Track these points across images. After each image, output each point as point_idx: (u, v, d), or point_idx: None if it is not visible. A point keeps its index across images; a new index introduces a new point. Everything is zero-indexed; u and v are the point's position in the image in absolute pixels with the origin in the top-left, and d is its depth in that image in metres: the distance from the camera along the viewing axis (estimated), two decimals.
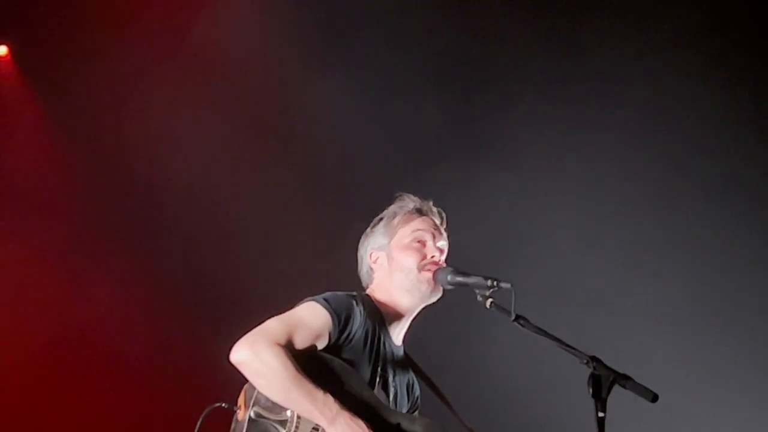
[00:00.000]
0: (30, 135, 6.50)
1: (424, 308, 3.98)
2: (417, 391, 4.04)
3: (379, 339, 3.84)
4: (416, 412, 4.02)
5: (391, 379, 3.86)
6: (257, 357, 3.57)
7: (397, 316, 3.93)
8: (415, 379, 4.03)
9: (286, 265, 6.19)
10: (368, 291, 4.00)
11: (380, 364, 3.82)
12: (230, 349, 3.61)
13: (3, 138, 6.49)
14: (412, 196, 4.03)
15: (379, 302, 3.93)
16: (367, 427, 3.56)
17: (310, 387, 3.56)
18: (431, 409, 4.00)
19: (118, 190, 6.48)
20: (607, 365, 3.13)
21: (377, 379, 3.80)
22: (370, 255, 4.01)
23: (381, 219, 4.04)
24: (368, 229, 4.06)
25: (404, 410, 3.93)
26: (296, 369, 3.56)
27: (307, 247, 6.33)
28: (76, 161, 6.51)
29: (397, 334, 3.96)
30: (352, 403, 3.62)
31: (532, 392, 6.18)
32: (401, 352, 3.98)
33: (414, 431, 3.72)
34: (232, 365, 3.62)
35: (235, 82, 6.49)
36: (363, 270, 4.04)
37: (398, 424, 3.71)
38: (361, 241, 4.07)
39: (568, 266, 6.39)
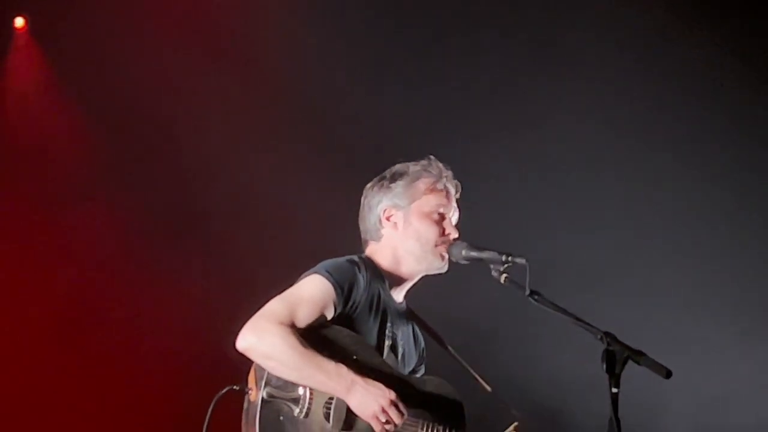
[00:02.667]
0: (47, 108, 6.50)
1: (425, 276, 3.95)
2: (422, 344, 4.03)
3: (384, 301, 3.82)
4: (423, 365, 4.02)
5: (398, 339, 3.85)
6: (262, 341, 3.57)
7: (400, 278, 3.90)
8: (418, 331, 4.02)
9: (298, 241, 6.16)
10: (369, 249, 3.94)
11: (387, 326, 3.80)
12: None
13: (20, 110, 6.49)
14: (439, 163, 3.95)
15: (380, 263, 3.88)
16: (388, 389, 3.56)
17: (321, 360, 3.56)
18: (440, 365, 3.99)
19: (133, 160, 6.47)
20: (621, 341, 3.10)
21: (386, 342, 3.79)
22: (384, 210, 3.92)
23: (401, 175, 3.93)
24: (383, 181, 3.96)
25: (413, 365, 3.94)
26: (303, 345, 3.56)
27: (320, 221, 6.28)
28: (93, 134, 6.50)
29: (399, 293, 3.93)
30: (364, 371, 3.61)
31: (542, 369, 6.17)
32: (404, 309, 3.96)
33: (426, 392, 3.73)
34: None
35: (253, 50, 6.45)
36: (370, 222, 3.94)
37: (410, 387, 3.70)
38: (371, 190, 3.97)
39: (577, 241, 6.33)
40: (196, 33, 6.40)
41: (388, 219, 3.91)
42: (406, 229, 3.88)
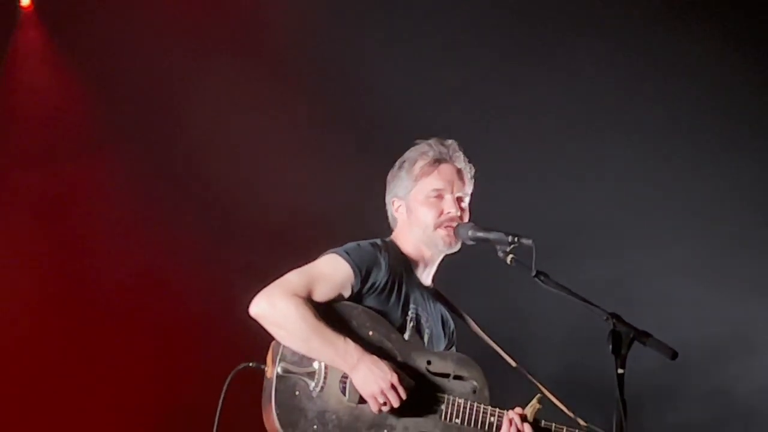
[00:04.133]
0: (53, 86, 6.49)
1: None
2: (452, 326, 4.08)
3: (408, 284, 3.89)
4: (454, 347, 4.07)
5: (424, 320, 3.90)
6: (275, 308, 3.65)
7: (422, 261, 3.97)
8: (447, 314, 4.07)
9: (318, 219, 6.19)
10: (393, 234, 4.03)
11: (410, 307, 3.86)
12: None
13: (26, 89, 6.48)
14: (432, 142, 3.99)
15: (405, 247, 3.96)
16: (392, 369, 3.63)
17: (331, 334, 3.64)
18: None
19: (140, 141, 6.49)
20: (627, 322, 3.16)
21: (409, 323, 3.84)
22: (393, 203, 4.03)
23: (403, 163, 4.01)
24: (392, 170, 4.05)
25: (441, 347, 3.97)
26: (315, 317, 3.64)
27: (338, 198, 6.34)
28: (98, 112, 6.51)
29: (426, 275, 4.00)
30: (379, 347, 3.71)
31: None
32: (431, 292, 4.02)
33: (446, 367, 3.78)
34: (259, 325, 3.70)
35: (261, 26, 6.47)
36: (388, 211, 4.07)
37: (429, 362, 3.76)
38: (388, 178, 4.07)
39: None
40: (206, 4, 6.41)
41: (397, 210, 4.02)
42: (410, 217, 3.97)
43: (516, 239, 3.69)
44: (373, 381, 3.61)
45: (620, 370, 3.07)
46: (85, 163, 6.44)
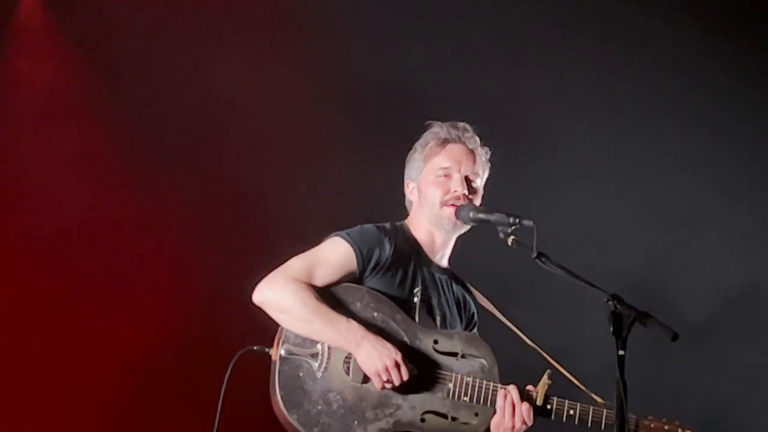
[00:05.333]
0: (54, 71, 6.48)
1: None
2: (471, 309, 4.08)
3: (417, 266, 3.91)
4: (474, 329, 4.07)
5: (436, 302, 3.92)
6: (275, 294, 3.72)
7: (435, 243, 3.99)
8: (467, 296, 4.08)
9: (324, 202, 6.18)
10: (407, 220, 4.05)
11: (420, 289, 3.88)
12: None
13: (30, 70, 6.47)
14: (443, 124, 4.03)
15: (417, 230, 3.99)
16: (397, 348, 3.66)
17: (332, 315, 3.69)
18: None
19: (144, 126, 6.49)
20: (628, 303, 3.16)
21: (418, 305, 3.86)
22: (408, 185, 4.07)
23: (416, 146, 4.06)
24: (408, 155, 4.09)
25: (457, 329, 3.96)
26: (316, 300, 3.69)
27: (345, 182, 6.33)
28: (103, 94, 6.49)
29: (440, 257, 4.02)
30: (384, 328, 3.74)
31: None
32: (446, 274, 4.02)
33: (454, 346, 3.79)
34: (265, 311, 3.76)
35: (270, 11, 6.46)
36: (406, 198, 4.09)
37: (436, 342, 3.78)
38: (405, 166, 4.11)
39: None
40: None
41: (411, 193, 4.05)
42: (421, 198, 4.00)
43: (517, 220, 3.72)
44: (378, 358, 3.64)
45: (621, 352, 3.07)
46: (88, 138, 6.44)
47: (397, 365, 3.64)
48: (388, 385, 3.66)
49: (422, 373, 3.72)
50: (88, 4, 6.35)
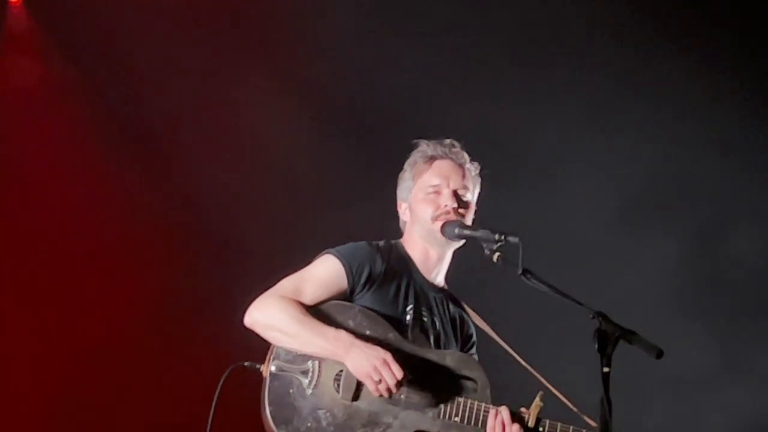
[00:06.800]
0: (41, 82, 6.50)
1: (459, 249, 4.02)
2: (470, 330, 4.08)
3: (411, 284, 3.92)
4: (472, 349, 4.06)
5: (429, 321, 3.93)
6: (263, 313, 3.77)
7: (430, 260, 4.00)
8: (465, 317, 4.08)
9: (316, 221, 6.23)
10: (402, 239, 4.07)
11: (413, 307, 3.89)
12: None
13: (12, 84, 6.48)
14: (429, 142, 4.06)
15: (411, 248, 4.00)
16: (387, 351, 3.65)
17: (320, 326, 3.71)
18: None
19: (130, 142, 6.50)
20: (613, 321, 3.18)
21: (411, 323, 3.87)
22: (400, 205, 4.10)
23: (406, 165, 4.09)
24: (399, 176, 4.12)
25: (452, 349, 3.96)
26: (302, 313, 3.73)
27: (335, 199, 6.38)
28: (86, 107, 6.51)
29: (435, 276, 4.03)
30: (376, 344, 3.71)
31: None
32: (441, 294, 4.04)
33: (444, 365, 3.79)
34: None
35: (261, 20, 6.48)
36: (400, 218, 4.12)
37: (426, 361, 3.78)
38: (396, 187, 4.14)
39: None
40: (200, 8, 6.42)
41: (403, 213, 4.08)
42: (413, 216, 4.03)
43: (503, 237, 3.72)
44: (366, 359, 3.63)
45: (605, 369, 3.08)
46: (77, 157, 6.44)
47: (387, 363, 3.63)
48: (381, 387, 3.64)
49: (413, 392, 3.72)
50: (68, 10, 6.39)
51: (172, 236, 6.42)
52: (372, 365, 3.63)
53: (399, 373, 3.64)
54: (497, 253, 3.74)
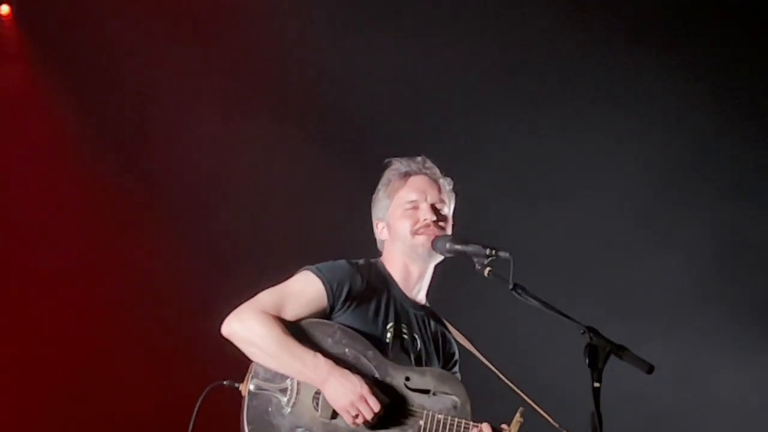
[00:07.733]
0: (31, 95, 6.51)
1: (440, 264, 3.97)
2: (452, 348, 4.04)
3: (391, 302, 3.87)
4: (455, 367, 4.03)
5: (409, 339, 3.88)
6: (243, 326, 3.70)
7: (411, 277, 3.94)
8: (447, 335, 4.03)
9: (295, 236, 6.20)
10: (381, 258, 4.02)
11: (394, 325, 3.85)
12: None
13: (5, 96, 6.49)
14: (401, 160, 4.02)
15: (391, 266, 3.95)
16: (363, 381, 3.61)
17: (299, 349, 3.66)
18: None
19: (120, 147, 6.50)
20: (604, 336, 3.14)
21: (391, 341, 3.82)
22: (377, 225, 4.05)
23: (380, 185, 4.05)
24: (373, 196, 4.07)
25: (434, 366, 3.93)
26: (284, 333, 3.67)
27: (316, 216, 6.35)
28: (78, 120, 6.52)
29: (416, 293, 3.98)
30: (355, 365, 3.69)
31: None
32: (423, 311, 3.99)
33: (426, 383, 3.75)
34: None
35: (243, 36, 6.47)
36: (377, 238, 4.06)
37: (407, 378, 3.74)
38: (371, 208, 4.09)
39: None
40: (186, 15, 6.41)
41: (381, 232, 4.02)
42: (392, 234, 3.98)
43: (493, 252, 3.66)
44: (343, 394, 3.60)
45: (596, 384, 3.06)
46: (66, 167, 6.43)
47: (364, 399, 3.60)
48: (359, 420, 3.62)
49: (392, 410, 3.68)
50: (58, 22, 6.41)
51: (160, 243, 6.44)
52: (349, 400, 3.61)
53: (376, 407, 3.61)
54: (488, 268, 3.67)
